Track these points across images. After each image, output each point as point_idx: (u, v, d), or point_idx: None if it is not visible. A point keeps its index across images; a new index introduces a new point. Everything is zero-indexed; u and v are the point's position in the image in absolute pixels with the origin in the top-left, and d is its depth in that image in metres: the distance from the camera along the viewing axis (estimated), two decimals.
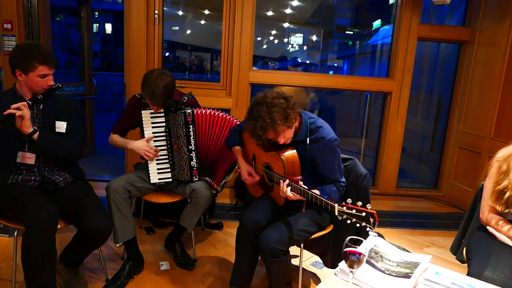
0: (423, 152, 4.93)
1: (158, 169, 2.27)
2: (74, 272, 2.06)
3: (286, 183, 1.68)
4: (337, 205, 1.45)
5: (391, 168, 4.00)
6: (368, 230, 1.36)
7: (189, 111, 2.20)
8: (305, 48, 6.44)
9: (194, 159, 2.24)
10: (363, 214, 1.37)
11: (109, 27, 23.70)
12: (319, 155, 1.80)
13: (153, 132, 2.26)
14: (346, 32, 6.52)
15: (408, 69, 3.77)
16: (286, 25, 5.65)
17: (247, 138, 2.09)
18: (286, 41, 6.06)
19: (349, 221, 1.41)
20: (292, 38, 6.37)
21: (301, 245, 1.90)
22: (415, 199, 4.05)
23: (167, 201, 2.30)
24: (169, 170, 2.29)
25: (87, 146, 4.53)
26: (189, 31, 5.10)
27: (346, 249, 1.16)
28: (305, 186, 1.66)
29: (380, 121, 4.07)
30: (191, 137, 2.22)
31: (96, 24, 22.82)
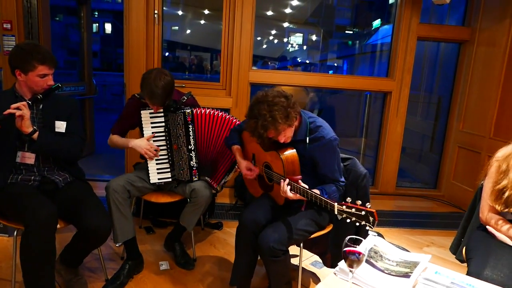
0: (422, 152, 4.93)
1: (157, 169, 2.27)
2: (73, 272, 2.06)
3: (286, 182, 1.68)
4: (336, 204, 1.45)
5: (390, 168, 4.00)
6: (367, 229, 1.36)
7: (188, 110, 2.19)
8: (304, 47, 6.43)
9: (193, 159, 2.24)
10: (363, 213, 1.37)
11: (108, 27, 23.70)
12: (319, 154, 1.80)
13: (152, 132, 2.26)
14: (346, 31, 6.52)
15: (408, 68, 3.77)
16: (286, 24, 5.65)
17: (246, 138, 2.09)
18: (286, 40, 6.06)
19: (348, 220, 1.41)
20: (291, 37, 6.36)
21: (301, 245, 1.90)
22: (414, 199, 4.05)
23: (166, 201, 2.30)
24: (168, 170, 2.29)
25: (86, 146, 4.53)
26: (188, 31, 5.09)
27: (346, 248, 1.16)
28: (305, 185, 1.66)
29: (379, 121, 4.07)
30: (190, 136, 2.22)
31: (96, 24, 22.83)
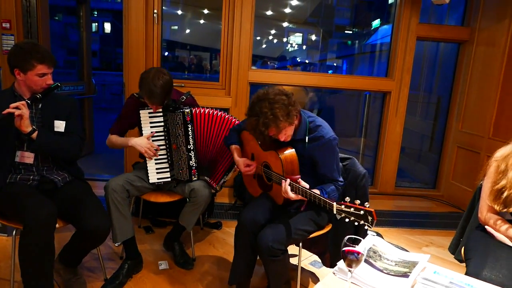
0: (422, 152, 4.94)
1: (157, 168, 2.27)
2: (72, 271, 2.06)
3: (287, 183, 1.67)
4: (335, 203, 1.45)
5: (390, 168, 4.01)
6: (366, 228, 1.36)
7: (187, 110, 2.19)
8: (304, 47, 6.43)
9: (193, 159, 2.24)
10: (361, 212, 1.37)
11: (108, 26, 23.70)
12: (318, 153, 1.80)
13: (151, 132, 2.26)
14: (345, 31, 6.51)
15: (407, 68, 3.77)
16: (285, 24, 5.65)
17: (245, 138, 2.09)
18: (285, 40, 6.05)
19: (347, 220, 1.41)
20: (291, 37, 6.36)
21: (300, 244, 1.90)
22: (414, 199, 4.05)
23: (166, 201, 2.30)
24: (168, 169, 2.29)
25: (86, 145, 4.52)
26: (188, 31, 5.09)
27: (345, 248, 1.16)
28: (306, 184, 1.65)
29: (379, 121, 4.07)
30: (189, 136, 2.22)
31: (95, 23, 22.83)
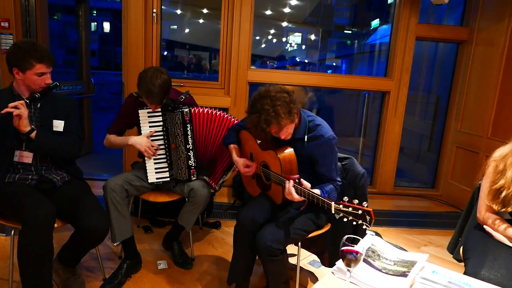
0: (421, 152, 4.94)
1: (156, 168, 2.27)
2: (71, 271, 2.06)
3: (291, 184, 1.66)
4: (333, 203, 1.45)
5: (389, 167, 4.01)
6: (364, 227, 1.36)
7: (186, 110, 2.19)
8: (303, 47, 6.42)
9: (192, 158, 2.24)
10: (360, 212, 1.37)
11: (107, 25, 23.68)
12: (318, 152, 1.80)
13: (150, 131, 2.26)
14: (345, 31, 6.51)
15: (406, 68, 3.78)
16: (285, 24, 5.64)
17: (244, 138, 2.09)
18: (285, 40, 6.05)
19: (345, 219, 1.41)
20: (290, 37, 6.36)
21: (299, 244, 1.91)
22: (412, 198, 4.06)
23: (165, 200, 2.30)
24: (167, 169, 2.29)
25: (84, 145, 4.52)
26: (187, 30, 5.08)
27: (344, 248, 1.16)
28: (307, 183, 1.64)
29: (378, 121, 4.07)
30: (188, 136, 2.22)
31: (94, 22, 22.81)
